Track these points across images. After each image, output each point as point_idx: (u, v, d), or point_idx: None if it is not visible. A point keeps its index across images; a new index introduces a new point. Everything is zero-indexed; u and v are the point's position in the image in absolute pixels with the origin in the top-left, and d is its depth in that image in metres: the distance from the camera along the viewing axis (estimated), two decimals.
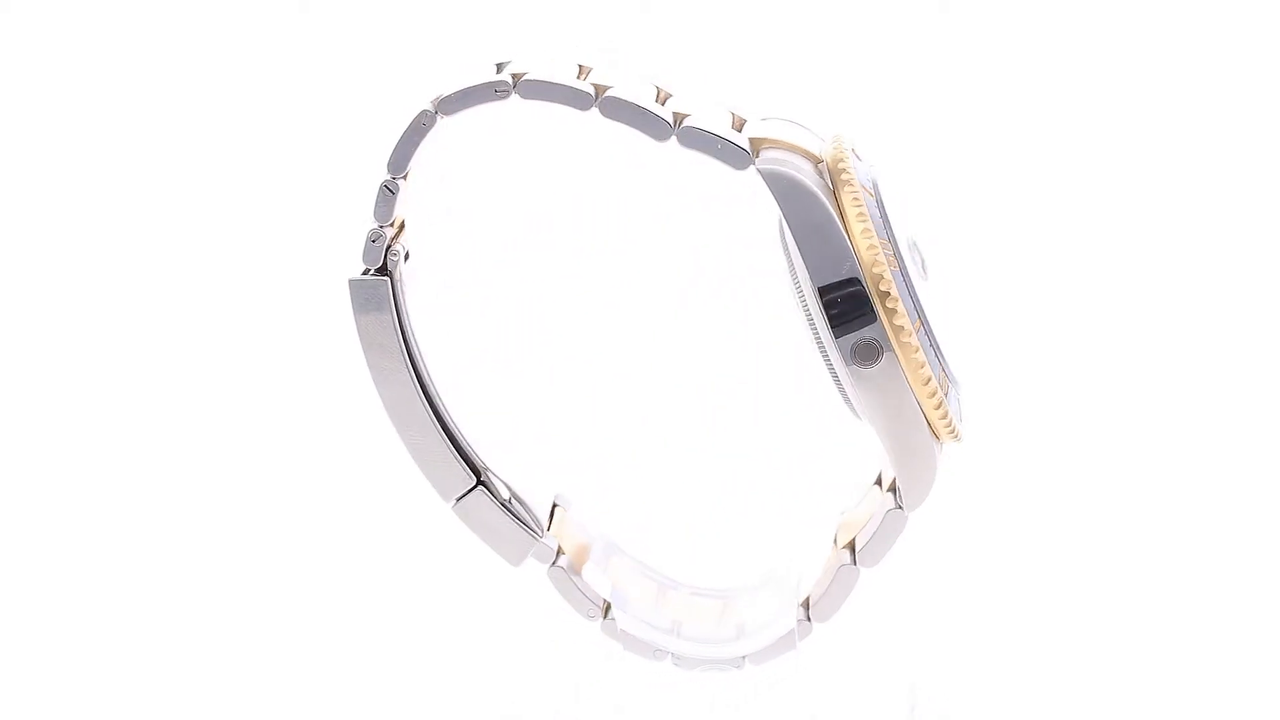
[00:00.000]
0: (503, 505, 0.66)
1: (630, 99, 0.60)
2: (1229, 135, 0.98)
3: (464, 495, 0.66)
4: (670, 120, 0.60)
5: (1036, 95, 0.98)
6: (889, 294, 0.59)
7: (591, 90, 0.60)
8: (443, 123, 0.61)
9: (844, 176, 0.60)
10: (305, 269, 0.85)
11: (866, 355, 0.59)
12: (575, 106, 0.60)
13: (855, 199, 0.60)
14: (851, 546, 0.67)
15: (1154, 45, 0.99)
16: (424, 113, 0.61)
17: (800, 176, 0.59)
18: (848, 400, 0.62)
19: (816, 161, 0.61)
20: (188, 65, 1.00)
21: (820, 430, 0.71)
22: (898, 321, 0.59)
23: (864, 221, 0.59)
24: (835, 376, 0.62)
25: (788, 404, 0.75)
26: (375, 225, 0.63)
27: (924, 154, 0.90)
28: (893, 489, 0.65)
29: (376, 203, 0.62)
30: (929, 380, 0.60)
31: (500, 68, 0.62)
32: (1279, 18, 0.99)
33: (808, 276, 0.59)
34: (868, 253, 0.59)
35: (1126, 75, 0.99)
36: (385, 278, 0.63)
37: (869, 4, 0.97)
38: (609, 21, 0.93)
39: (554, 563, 0.67)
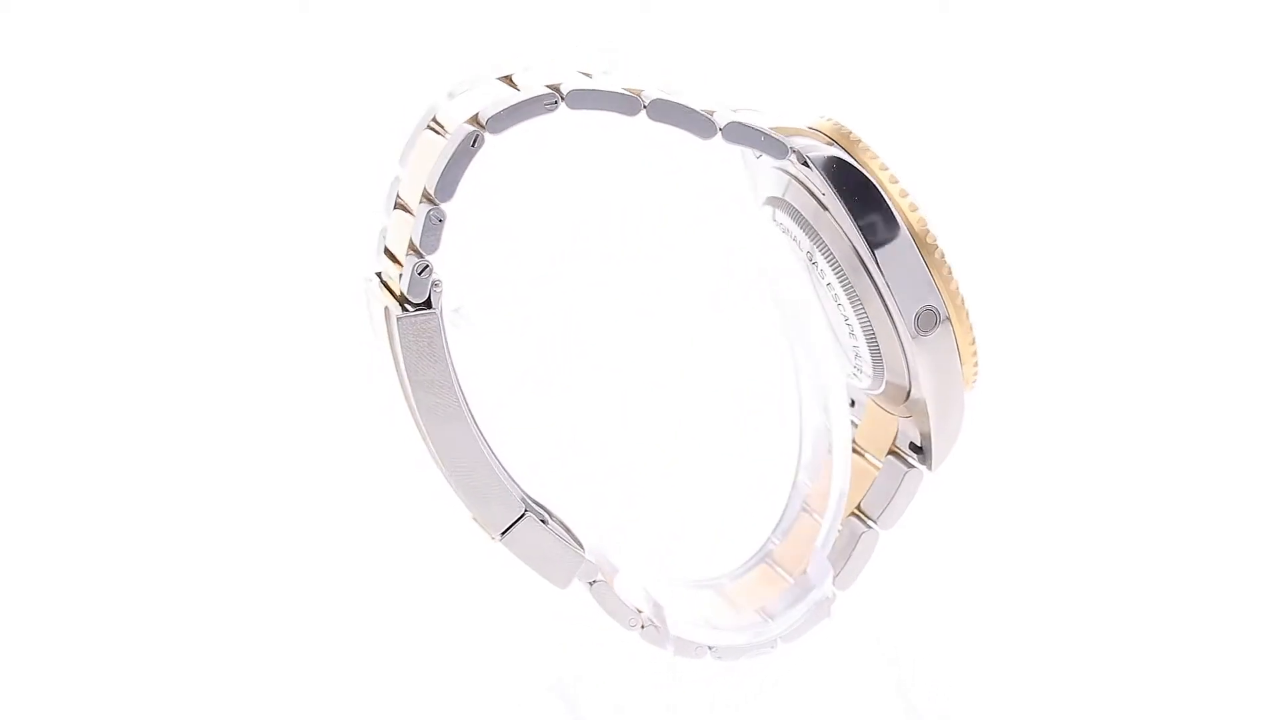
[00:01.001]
0: (550, 528, 0.65)
1: (677, 100, 0.61)
2: (1228, 131, 0.99)
3: (512, 525, 0.64)
4: (712, 118, 0.61)
5: (1036, 94, 0.99)
6: (943, 260, 0.63)
7: (636, 95, 0.60)
8: (490, 141, 0.60)
9: (861, 145, 0.64)
10: (302, 269, 0.89)
11: (928, 322, 0.63)
12: (624, 112, 0.61)
13: (883, 165, 0.63)
14: (860, 513, 0.70)
15: (1153, 44, 1.01)
16: (472, 134, 0.59)
17: (846, 155, 0.63)
18: (879, 369, 0.66)
19: (828, 139, 0.64)
20: (187, 65, 1.00)
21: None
22: (953, 287, 0.63)
23: (897, 184, 0.63)
24: (871, 352, 0.65)
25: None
26: (420, 257, 0.60)
27: (923, 153, 0.92)
28: (895, 452, 0.69)
29: (424, 232, 0.60)
30: (973, 340, 0.64)
31: (510, 79, 0.62)
32: (1279, 17, 1.00)
33: (869, 251, 0.63)
34: (915, 219, 0.63)
35: (1126, 74, 1.00)
36: (434, 311, 0.61)
37: (869, 3, 0.99)
38: (608, 21, 0.93)
39: (597, 579, 0.67)
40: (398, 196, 0.62)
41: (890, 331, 0.64)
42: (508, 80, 0.62)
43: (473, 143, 0.59)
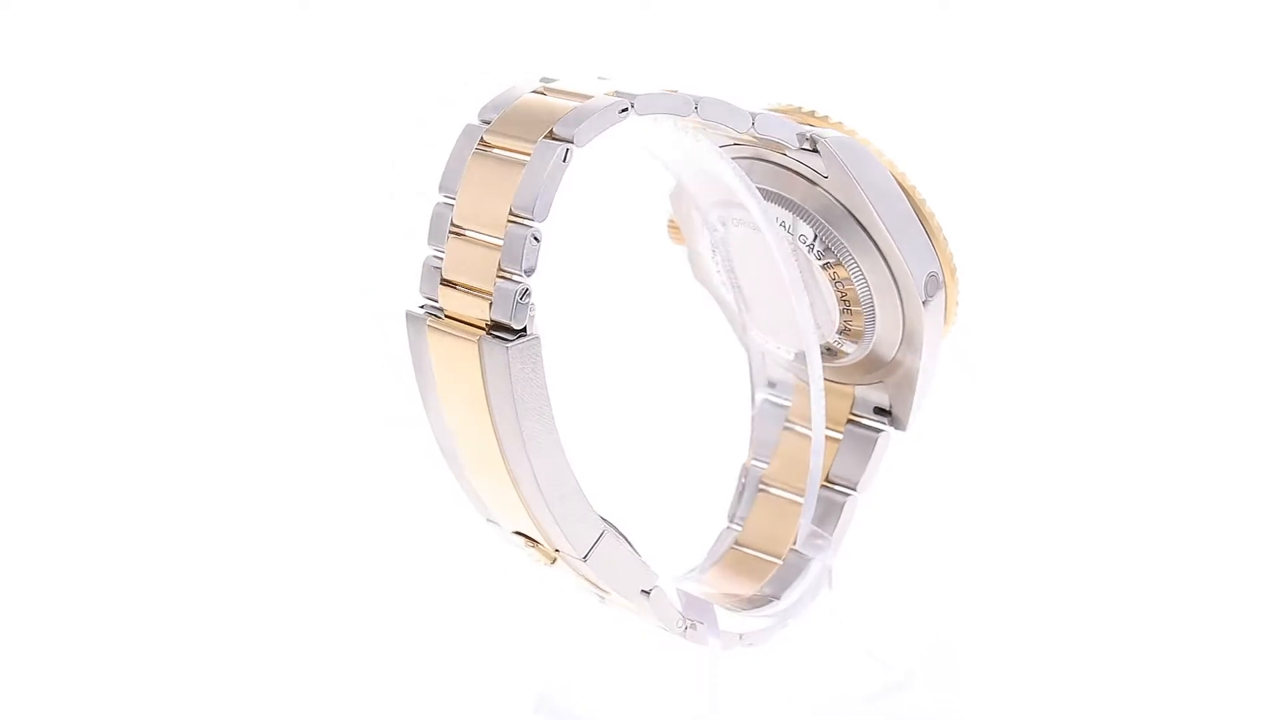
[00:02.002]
0: (624, 541, 0.64)
1: (720, 98, 0.62)
2: (1227, 130, 0.98)
3: (596, 543, 0.63)
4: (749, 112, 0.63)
5: (1036, 93, 0.98)
6: (939, 227, 0.68)
7: (690, 97, 0.61)
8: (576, 154, 0.59)
9: (831, 119, 0.67)
10: (301, 269, 0.90)
11: (933, 288, 0.68)
12: (680, 114, 0.61)
13: (865, 139, 0.67)
14: (830, 484, 0.73)
15: (1153, 43, 1.00)
16: (564, 149, 0.58)
17: (850, 137, 0.66)
18: (868, 338, 0.69)
19: (798, 120, 0.67)
20: (187, 65, 0.99)
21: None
22: (948, 251, 0.68)
23: (884, 155, 0.67)
24: (867, 323, 0.69)
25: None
26: (513, 281, 0.58)
27: (923, 152, 0.91)
28: (854, 420, 0.73)
29: (525, 255, 0.58)
30: (958, 300, 0.69)
31: (547, 81, 0.61)
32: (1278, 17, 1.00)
33: (882, 224, 0.66)
34: (909, 187, 0.67)
35: (1126, 73, 0.99)
36: (538, 335, 0.59)
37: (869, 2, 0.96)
38: (608, 21, 0.91)
39: (654, 586, 0.66)
40: (452, 224, 0.60)
41: (893, 301, 0.68)
42: (544, 93, 0.61)
43: (564, 158, 0.58)
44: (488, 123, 0.60)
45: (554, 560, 0.64)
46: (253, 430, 0.90)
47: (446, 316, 0.60)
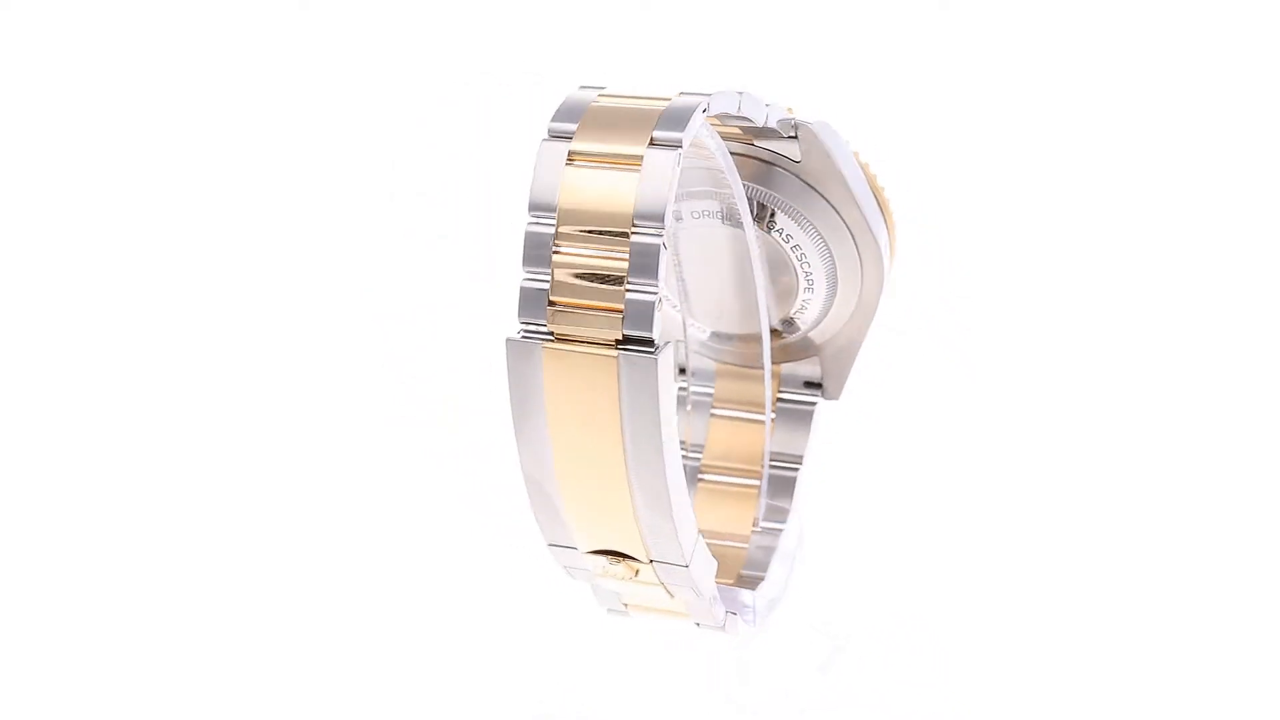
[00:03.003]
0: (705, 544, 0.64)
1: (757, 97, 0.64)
2: (1226, 129, 0.96)
3: (696, 547, 0.62)
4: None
5: (1035, 92, 0.96)
6: (888, 202, 0.72)
7: (736, 91, 0.62)
8: None
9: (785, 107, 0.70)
10: (301, 269, 0.89)
11: (887, 256, 0.72)
12: (730, 110, 0.62)
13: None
14: (774, 462, 0.76)
15: (1152, 43, 0.98)
16: (675, 153, 0.57)
17: (827, 123, 0.69)
18: (826, 311, 0.72)
19: None
20: (187, 65, 0.99)
21: None
22: (892, 223, 0.72)
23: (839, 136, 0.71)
24: (828, 296, 0.72)
25: None
26: (644, 292, 0.57)
27: (921, 151, 0.89)
28: (783, 399, 0.76)
29: (659, 265, 0.57)
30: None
31: (590, 88, 0.60)
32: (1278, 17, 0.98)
33: (858, 207, 0.69)
34: (862, 163, 0.71)
35: (1125, 72, 0.97)
36: (668, 342, 0.58)
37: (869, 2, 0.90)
38: (607, 21, 0.90)
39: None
40: (555, 243, 0.57)
41: (855, 274, 0.71)
42: (606, 99, 0.60)
43: (678, 161, 0.57)
44: (564, 136, 0.58)
45: (637, 573, 0.63)
46: (253, 430, 0.87)
47: (557, 338, 0.58)
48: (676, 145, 0.57)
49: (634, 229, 0.57)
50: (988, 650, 0.73)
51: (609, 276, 0.57)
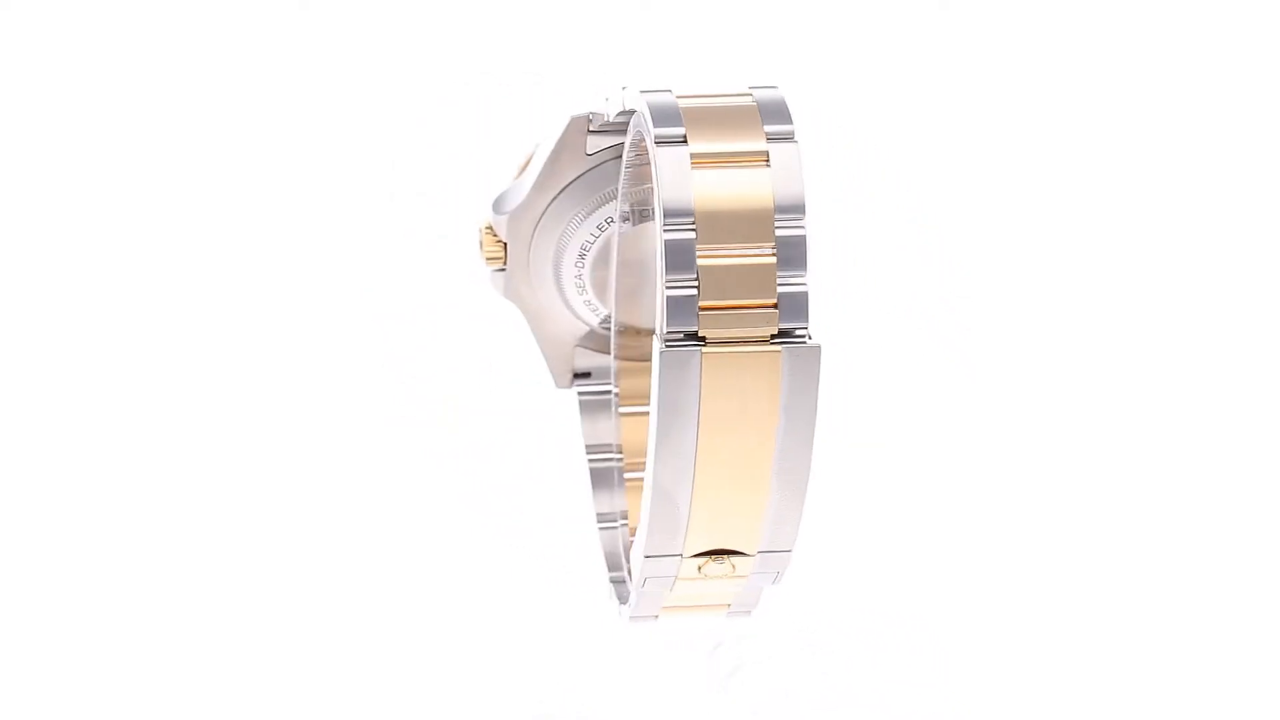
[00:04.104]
0: None
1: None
2: (1228, 128, 0.95)
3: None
4: None
5: (1035, 92, 0.94)
6: None
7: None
8: None
9: None
10: (301, 271, 0.88)
11: None
12: None
13: None
14: None
15: (1152, 42, 0.97)
16: (795, 146, 0.58)
17: None
18: None
19: None
20: (186, 65, 0.99)
21: None
22: None
23: None
24: None
25: None
26: (803, 284, 0.58)
27: (921, 151, 0.86)
28: None
29: (807, 255, 0.58)
30: None
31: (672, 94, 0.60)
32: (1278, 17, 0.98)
33: None
34: None
35: (1126, 71, 0.96)
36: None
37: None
38: (607, 20, 0.91)
39: None
40: (699, 248, 0.57)
41: None
42: (687, 98, 0.60)
43: (800, 154, 0.59)
44: (678, 140, 0.58)
45: (735, 568, 0.64)
46: (252, 430, 0.86)
47: (711, 341, 0.57)
48: (790, 138, 0.58)
49: (779, 223, 0.57)
50: (987, 650, 0.75)
51: (759, 273, 0.57)
